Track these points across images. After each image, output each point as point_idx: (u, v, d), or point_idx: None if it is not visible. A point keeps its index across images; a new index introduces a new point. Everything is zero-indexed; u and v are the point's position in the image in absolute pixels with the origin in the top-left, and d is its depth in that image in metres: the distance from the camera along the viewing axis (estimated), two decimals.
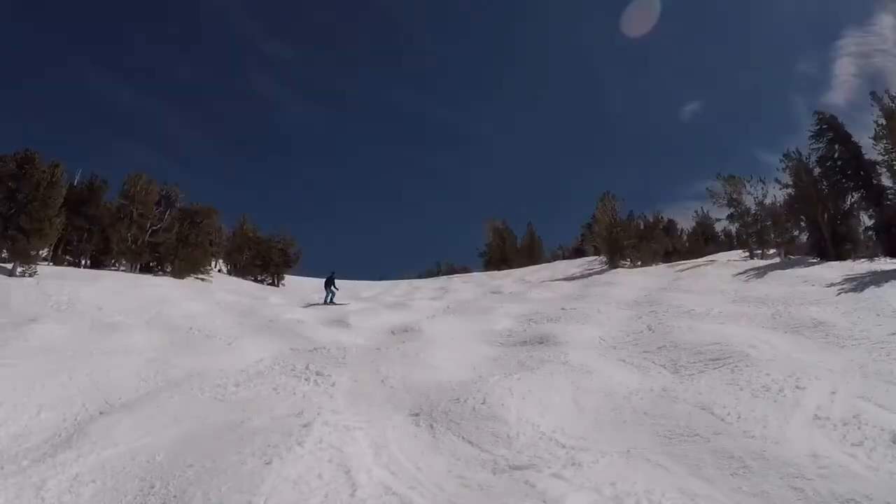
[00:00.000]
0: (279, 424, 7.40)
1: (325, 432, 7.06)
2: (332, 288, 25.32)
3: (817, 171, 28.15)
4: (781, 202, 30.66)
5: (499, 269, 44.90)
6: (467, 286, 31.17)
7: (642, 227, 34.99)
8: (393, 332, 15.81)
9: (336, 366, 11.14)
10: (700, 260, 31.40)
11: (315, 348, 13.03)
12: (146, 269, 29.36)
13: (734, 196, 32.78)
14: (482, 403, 8.06)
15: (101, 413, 8.41)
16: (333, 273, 26.05)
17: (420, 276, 48.06)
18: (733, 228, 37.85)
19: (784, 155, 29.25)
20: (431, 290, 30.92)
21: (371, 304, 24.04)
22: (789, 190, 29.12)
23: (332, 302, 24.66)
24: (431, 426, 7.65)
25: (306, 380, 10.14)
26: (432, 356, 11.64)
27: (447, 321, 17.13)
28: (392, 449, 6.89)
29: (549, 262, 47.92)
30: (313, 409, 8.18)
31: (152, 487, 5.71)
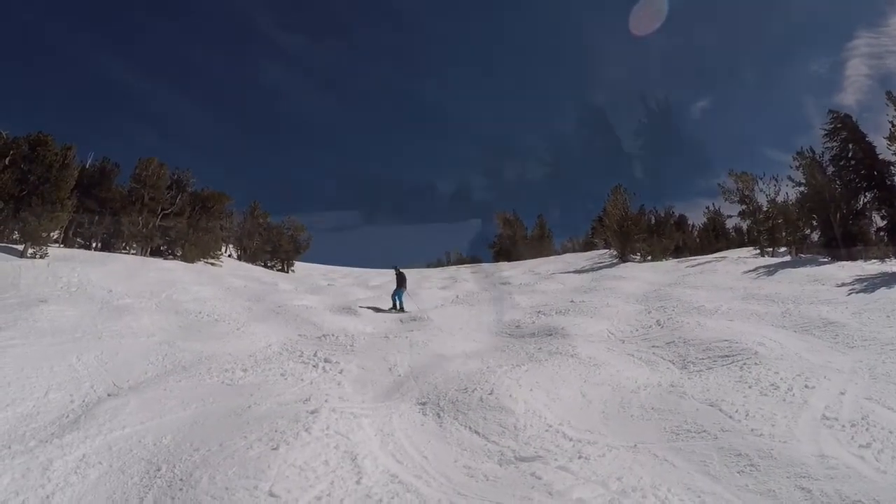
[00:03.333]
0: (286, 410, 7.41)
1: (332, 419, 7.07)
2: (400, 289, 19.36)
3: (831, 169, 27.96)
4: (793, 200, 30.49)
5: (508, 260, 44.85)
6: (476, 276, 31.14)
7: (653, 221, 34.87)
8: (401, 321, 15.85)
9: (344, 353, 11.18)
10: (710, 256, 31.25)
11: (323, 335, 13.07)
12: (156, 253, 29.55)
13: (746, 193, 32.59)
14: (490, 394, 8.06)
15: (108, 395, 8.46)
16: (397, 268, 20.54)
17: (429, 266, 48.07)
18: (744, 225, 37.65)
19: (797, 153, 29.08)
20: (440, 279, 30.88)
21: (379, 292, 24.04)
22: (802, 188, 28.95)
23: (401, 308, 18.64)
24: (438, 415, 7.66)
25: (314, 366, 10.17)
26: (440, 345, 11.65)
27: (456, 311, 17.14)
28: (398, 437, 6.89)
29: (559, 254, 47.84)
30: (321, 396, 8.20)
31: (158, 470, 5.74)
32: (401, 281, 19.59)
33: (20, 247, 21.62)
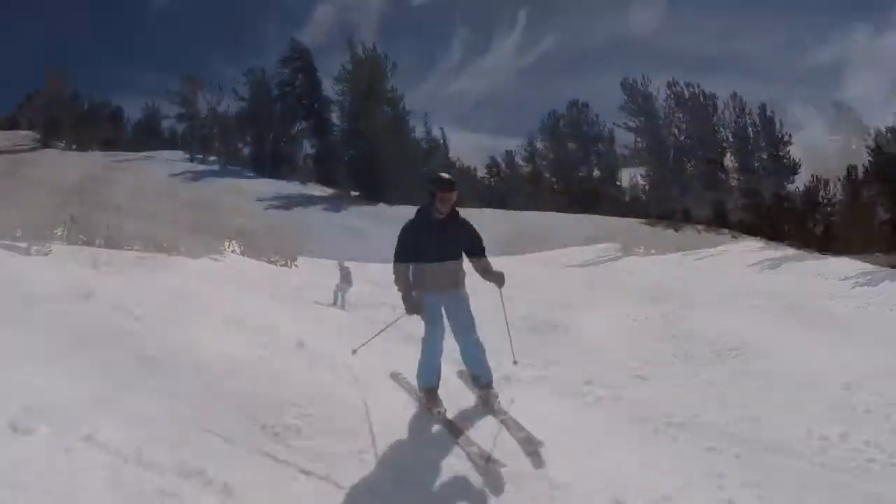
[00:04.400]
0: (289, 406, 7.42)
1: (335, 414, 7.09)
2: (346, 285, 19.01)
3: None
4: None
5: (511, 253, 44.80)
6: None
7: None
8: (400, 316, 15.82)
9: (348, 346, 11.20)
10: (714, 249, 31.25)
11: (324, 331, 13.08)
12: (160, 250, 29.63)
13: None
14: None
15: (113, 391, 8.47)
16: (340, 261, 20.47)
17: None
18: (747, 219, 37.68)
19: (800, 149, 29.18)
20: None
21: (380, 287, 24.09)
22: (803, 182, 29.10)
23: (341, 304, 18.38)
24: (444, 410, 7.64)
25: (319, 361, 10.17)
26: (442, 340, 11.63)
27: None
28: (400, 433, 6.90)
29: (564, 247, 47.78)
30: (324, 392, 8.20)
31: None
32: (345, 276, 19.24)
33: (24, 244, 21.68)
